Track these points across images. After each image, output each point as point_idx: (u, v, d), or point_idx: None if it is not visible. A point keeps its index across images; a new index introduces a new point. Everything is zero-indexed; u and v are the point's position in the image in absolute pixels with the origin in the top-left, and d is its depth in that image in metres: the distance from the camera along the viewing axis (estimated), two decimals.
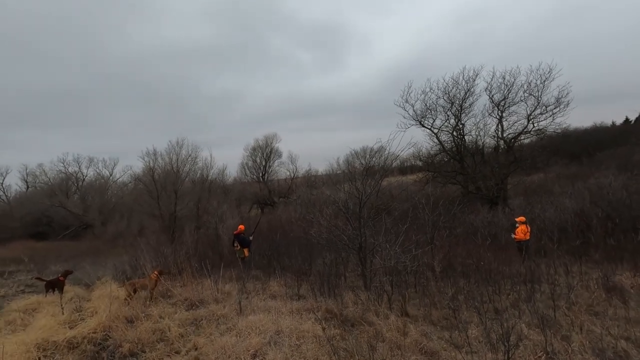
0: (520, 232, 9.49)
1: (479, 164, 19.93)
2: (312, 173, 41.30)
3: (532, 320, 4.86)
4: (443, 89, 19.86)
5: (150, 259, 8.56)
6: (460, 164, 20.54)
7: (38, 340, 4.54)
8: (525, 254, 9.01)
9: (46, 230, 31.73)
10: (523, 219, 9.69)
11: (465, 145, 20.84)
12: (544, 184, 21.43)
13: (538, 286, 6.42)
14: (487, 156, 21.09)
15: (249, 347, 3.71)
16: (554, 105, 18.06)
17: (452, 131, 20.85)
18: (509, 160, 19.11)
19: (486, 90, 19.39)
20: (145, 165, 18.04)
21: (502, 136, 19.75)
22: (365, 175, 8.49)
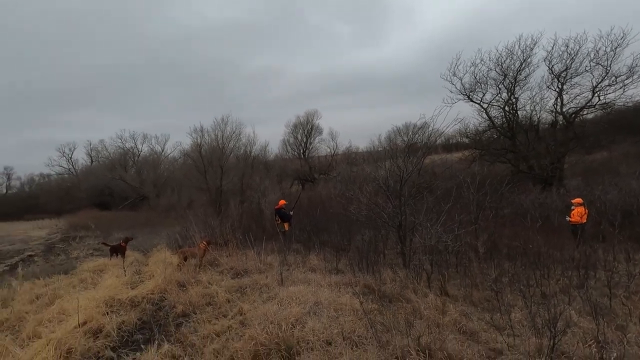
0: (577, 215, 8.85)
1: (533, 141, 18.51)
2: (352, 150, 40.92)
3: (584, 307, 4.60)
4: (495, 60, 18.41)
5: (198, 230, 9.14)
6: (512, 141, 19.23)
7: (106, 297, 5.12)
8: (580, 238, 8.41)
9: (108, 201, 34.88)
10: (580, 201, 8.99)
11: (518, 121, 19.39)
12: (608, 163, 19.47)
13: (593, 272, 6.00)
14: (543, 133, 19.49)
15: (290, 315, 3.89)
16: (625, 76, 16.11)
17: (504, 106, 19.45)
18: (568, 137, 17.54)
19: (545, 60, 17.68)
20: (193, 141, 19.06)
21: (561, 111, 18.09)
22: (407, 153, 8.29)
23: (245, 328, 3.94)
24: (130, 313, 4.72)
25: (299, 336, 3.47)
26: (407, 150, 8.54)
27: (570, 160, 18.49)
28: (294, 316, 3.89)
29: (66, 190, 38.12)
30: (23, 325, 4.61)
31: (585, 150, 19.34)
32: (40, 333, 4.23)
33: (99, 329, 4.25)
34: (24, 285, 6.58)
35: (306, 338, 3.45)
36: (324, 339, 3.40)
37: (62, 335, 3.80)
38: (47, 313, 4.83)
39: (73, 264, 8.93)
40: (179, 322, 4.42)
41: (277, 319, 3.86)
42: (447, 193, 10.41)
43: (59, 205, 34.22)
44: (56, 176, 45.32)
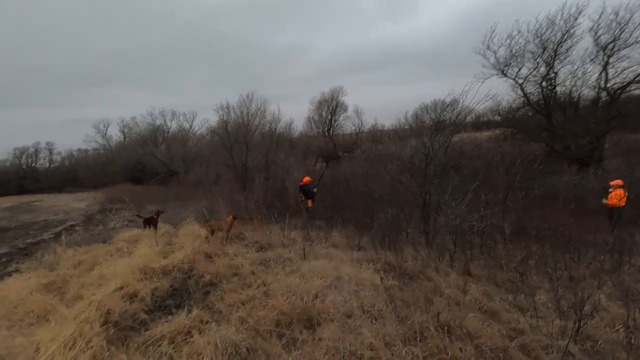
0: (615, 197, 8.38)
1: (571, 119, 17.41)
2: (377, 128, 40.18)
3: (615, 292, 4.44)
4: (534, 32, 17.19)
5: (225, 204, 9.43)
6: (548, 119, 18.19)
7: (140, 265, 5.45)
8: (616, 222, 8.01)
9: (140, 176, 36.38)
10: (620, 183, 8.49)
11: (556, 97, 18.22)
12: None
13: (627, 258, 5.74)
14: (582, 110, 18.26)
15: (311, 288, 4.02)
16: None
17: (541, 81, 18.26)
18: (611, 115, 16.35)
19: (591, 31, 16.29)
20: (219, 118, 19.30)
21: (605, 86, 16.79)
22: (434, 131, 8.07)
23: (269, 298, 4.11)
24: (163, 280, 5.03)
25: (319, 308, 3.59)
26: (435, 127, 8.31)
27: (612, 139, 17.32)
28: (315, 289, 4.01)
29: (102, 165, 40.05)
30: (67, 288, 5.02)
31: (629, 129, 18.03)
32: (82, 295, 4.60)
33: (134, 293, 4.57)
34: (67, 252, 7.11)
35: (327, 310, 3.56)
36: (344, 312, 3.50)
37: (102, 298, 4.12)
38: (88, 277, 5.23)
39: (110, 234, 9.51)
40: (207, 290, 4.67)
41: (299, 291, 4.00)
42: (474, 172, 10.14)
43: (96, 179, 36.10)
44: (93, 151, 47.68)
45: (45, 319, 4.05)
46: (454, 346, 2.80)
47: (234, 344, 3.05)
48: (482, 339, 3.00)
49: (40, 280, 5.37)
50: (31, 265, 6.70)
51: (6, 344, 3.32)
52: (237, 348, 3.01)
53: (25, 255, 8.16)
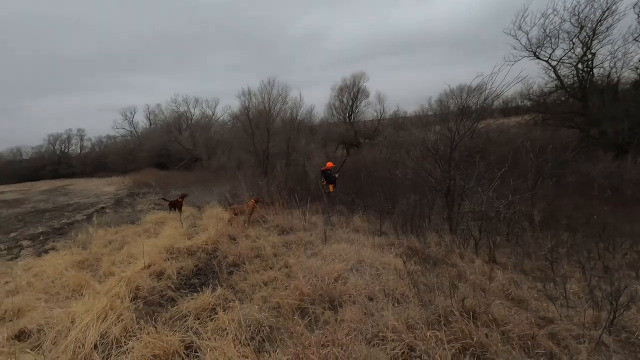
0: None
1: (609, 103, 16.37)
2: (400, 115, 39.30)
3: None
4: (571, 10, 16.13)
5: (247, 189, 9.55)
6: (583, 104, 17.20)
7: (167, 246, 5.64)
8: None
9: (166, 162, 37.44)
10: None
11: (593, 80, 17.15)
12: None
13: None
14: (622, 94, 17.13)
15: (333, 271, 4.01)
16: None
17: (577, 63, 17.22)
18: None
19: (635, 7, 15.15)
20: (241, 104, 19.42)
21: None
22: (461, 116, 7.79)
23: (291, 280, 4.15)
24: (188, 260, 5.18)
25: (341, 290, 3.58)
26: (461, 112, 8.02)
27: None
28: (337, 272, 4.00)
29: (130, 151, 41.44)
30: (99, 265, 5.26)
31: None
32: (113, 272, 4.81)
33: (161, 272, 4.73)
34: (99, 232, 7.44)
35: (348, 292, 3.55)
36: (366, 294, 3.48)
37: (132, 275, 4.29)
38: (118, 256, 5.46)
39: (138, 216, 9.87)
40: (231, 270, 4.77)
41: (321, 273, 4.00)
42: (501, 159, 9.78)
43: (125, 165, 37.47)
44: (121, 138, 49.40)
45: (80, 293, 4.27)
46: (480, 332, 2.73)
47: (257, 322, 3.10)
48: (509, 326, 2.91)
49: (74, 257, 5.66)
50: (66, 244, 7.07)
51: (45, 315, 3.52)
52: (260, 326, 3.05)
53: (60, 234, 8.62)
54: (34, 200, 19.09)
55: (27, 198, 20.30)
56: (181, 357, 2.72)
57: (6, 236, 9.05)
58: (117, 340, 2.96)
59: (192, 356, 2.74)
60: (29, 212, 13.86)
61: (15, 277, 4.97)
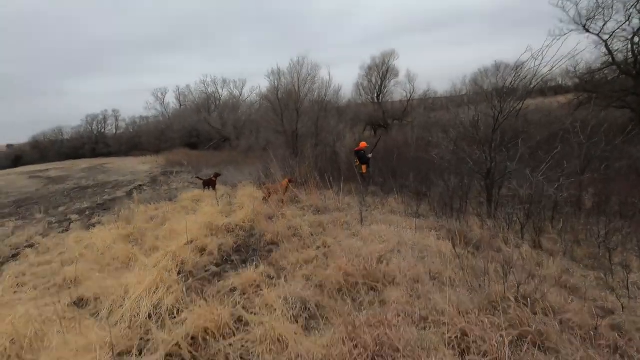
0: None
1: None
2: (430, 95, 37.82)
3: None
4: None
5: (279, 168, 9.58)
6: (636, 81, 15.88)
7: (206, 222, 5.78)
8: None
9: (196, 142, 38.34)
10: None
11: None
12: None
13: None
14: None
15: (374, 251, 3.96)
16: None
17: (633, 36, 15.81)
18: None
19: None
20: (270, 84, 19.31)
21: None
22: (505, 93, 7.35)
23: (331, 260, 4.14)
24: (227, 237, 5.30)
25: (384, 271, 3.53)
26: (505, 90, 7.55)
27: None
28: (378, 252, 3.94)
29: (161, 131, 42.65)
30: (144, 240, 5.49)
31: None
32: (158, 247, 5.00)
33: (203, 247, 4.87)
34: (140, 208, 7.75)
35: (392, 274, 3.49)
36: (410, 277, 3.41)
37: (176, 250, 4.43)
38: (161, 232, 5.68)
39: (174, 193, 10.20)
40: (269, 248, 4.83)
41: (362, 253, 3.96)
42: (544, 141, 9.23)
43: (157, 145, 38.70)
44: (153, 119, 50.87)
45: (128, 265, 4.47)
46: (538, 320, 2.61)
47: (302, 299, 3.12)
48: (567, 315, 2.76)
49: (120, 232, 5.93)
50: (111, 218, 7.42)
51: (100, 284, 3.72)
52: (306, 304, 3.07)
53: (104, 210, 9.08)
54: (76, 177, 20.21)
55: (69, 175, 21.51)
56: (231, 329, 2.78)
57: (55, 210, 9.65)
58: (169, 311, 3.07)
59: (242, 329, 2.80)
60: (73, 188, 14.69)
61: (69, 248, 5.28)
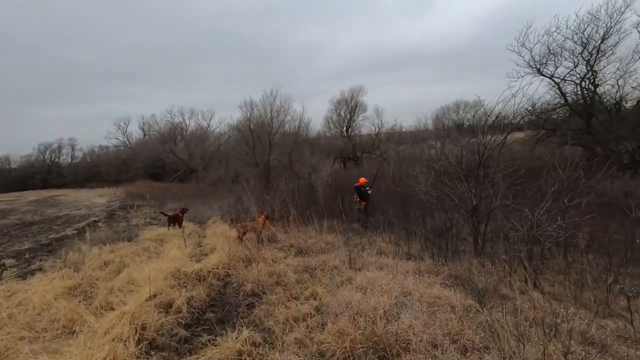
0: None
1: (615, 120, 16.27)
2: (396, 129, 39.31)
3: None
4: (574, 28, 16.14)
5: (253, 203, 8.91)
6: (587, 121, 17.09)
7: (172, 269, 4.96)
8: None
9: (160, 172, 36.61)
10: None
11: (595, 98, 17.07)
12: None
13: None
14: (625, 112, 17.08)
15: (377, 305, 3.39)
16: None
17: (580, 81, 17.20)
18: None
19: (638, 26, 15.18)
20: (242, 115, 18.92)
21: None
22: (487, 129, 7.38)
23: (324, 315, 3.53)
24: (199, 288, 4.50)
25: (395, 333, 2.96)
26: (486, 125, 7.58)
27: None
28: (382, 307, 3.38)
29: (122, 161, 40.47)
30: (95, 292, 4.56)
31: None
32: (111, 302, 4.12)
33: (169, 303, 4.05)
34: (92, 250, 6.71)
35: (404, 336, 2.93)
36: (427, 340, 2.86)
37: (135, 309, 3.60)
38: (116, 281, 4.76)
39: (134, 231, 9.12)
40: (251, 302, 4.11)
41: (362, 308, 3.39)
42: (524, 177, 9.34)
43: (117, 175, 36.49)
44: (114, 148, 48.40)
45: (72, 330, 3.57)
46: None
47: None
48: None
49: (64, 282, 4.93)
50: (55, 263, 6.33)
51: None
52: None
53: (48, 252, 7.84)
54: (20, 210, 18.11)
55: (13, 208, 19.28)
56: None
57: None
58: None
59: None
60: (15, 225, 12.95)
61: None
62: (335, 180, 11.43)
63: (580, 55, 16.76)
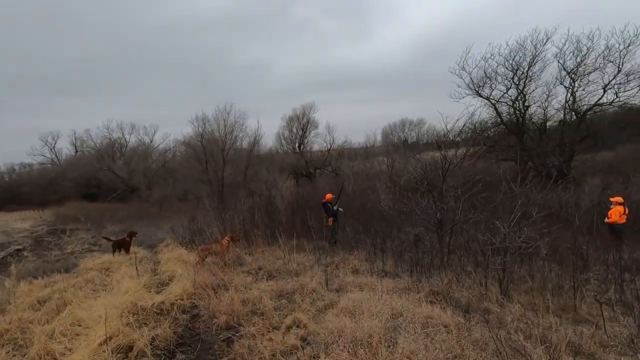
0: (615, 214, 8.38)
1: (543, 138, 18.23)
2: (346, 146, 40.37)
3: None
4: (505, 56, 17.98)
5: (214, 223, 8.30)
6: (520, 139, 18.92)
7: (127, 304, 4.29)
8: (620, 240, 7.97)
9: (95, 192, 33.34)
10: (620, 200, 8.52)
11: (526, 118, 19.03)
12: (613, 162, 19.30)
13: None
14: (551, 131, 19.24)
15: (371, 331, 3.17)
16: (637, 75, 15.86)
17: (513, 103, 19.08)
18: (581, 135, 17.29)
19: (558, 56, 17.32)
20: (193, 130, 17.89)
21: (572, 108, 17.79)
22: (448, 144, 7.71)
23: (314, 347, 3.22)
24: (162, 324, 3.90)
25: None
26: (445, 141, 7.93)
27: (579, 159, 18.27)
28: (377, 333, 3.17)
29: (50, 180, 36.20)
30: (29, 339, 3.75)
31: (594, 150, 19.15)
32: (53, 351, 3.40)
33: (128, 346, 3.44)
34: (20, 286, 5.67)
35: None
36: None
37: (88, 357, 2.99)
38: (57, 324, 3.96)
39: (72, 260, 7.97)
40: (227, 337, 3.64)
41: (356, 336, 3.15)
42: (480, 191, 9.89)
43: (43, 196, 32.47)
44: (39, 166, 43.25)
45: None
46: None
47: None
48: None
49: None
50: None
51: None
52: None
53: None
54: None
55: None
56: None
57: None
58: None
59: None
60: None
61: None
62: (296, 197, 11.15)
63: (511, 80, 18.62)
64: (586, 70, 16.93)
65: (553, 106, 18.73)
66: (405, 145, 36.53)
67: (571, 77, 17.38)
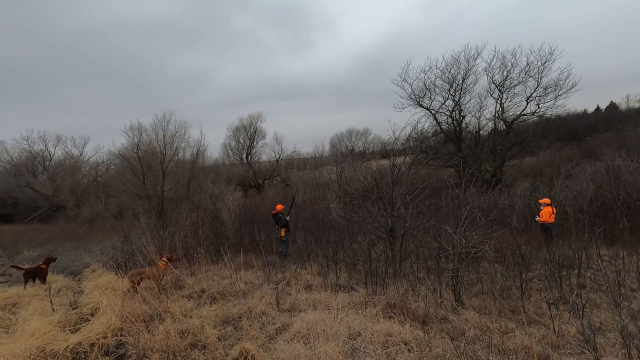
0: (545, 215, 9.06)
1: (478, 146, 19.62)
2: (296, 155, 40.24)
3: None
4: (442, 69, 19.19)
5: (149, 243, 7.44)
6: (458, 146, 20.16)
7: (32, 350, 3.49)
8: (551, 238, 8.60)
9: (12, 212, 29.25)
10: (548, 201, 9.24)
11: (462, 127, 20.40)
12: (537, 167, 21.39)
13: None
14: (484, 139, 20.81)
15: (328, 358, 2.85)
16: (552, 88, 17.82)
17: (451, 113, 20.35)
18: (510, 143, 18.87)
19: (487, 71, 18.88)
20: (129, 140, 16.29)
21: (501, 117, 19.42)
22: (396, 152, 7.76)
23: None
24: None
25: None
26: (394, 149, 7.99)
27: (509, 164, 19.92)
28: (334, 358, 2.85)
29: None
30: None
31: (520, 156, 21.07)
32: None
33: None
34: None
35: None
36: None
37: None
38: None
39: None
40: None
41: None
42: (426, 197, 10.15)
43: None
44: None
45: None
46: None
47: None
48: None
49: None
50: None
51: None
52: None
53: None
54: None
55: None
56: None
57: None
58: None
59: None
60: None
61: None
62: (244, 209, 10.55)
63: (448, 92, 19.87)
64: (512, 83, 18.62)
65: (485, 116, 20.32)
66: (352, 154, 37.34)
67: (499, 89, 18.98)
